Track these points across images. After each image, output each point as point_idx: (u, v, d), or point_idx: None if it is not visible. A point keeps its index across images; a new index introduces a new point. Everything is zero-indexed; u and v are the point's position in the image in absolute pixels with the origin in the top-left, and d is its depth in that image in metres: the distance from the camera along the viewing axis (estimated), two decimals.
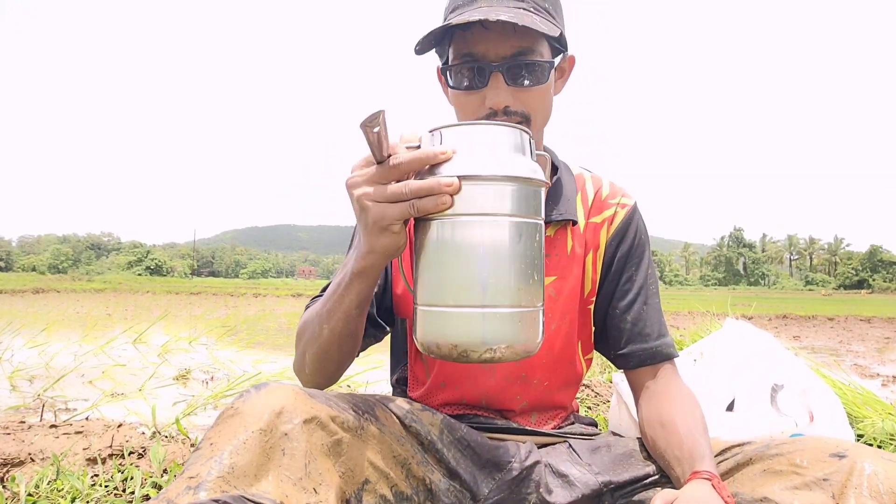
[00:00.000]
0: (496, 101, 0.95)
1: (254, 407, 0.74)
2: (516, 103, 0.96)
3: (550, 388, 1.08)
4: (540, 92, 0.98)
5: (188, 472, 0.68)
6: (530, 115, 0.98)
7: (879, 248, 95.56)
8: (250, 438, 0.70)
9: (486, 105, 0.95)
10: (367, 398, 0.91)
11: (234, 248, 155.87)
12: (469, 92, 0.97)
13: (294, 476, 0.70)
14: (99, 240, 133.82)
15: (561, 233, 1.07)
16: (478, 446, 0.98)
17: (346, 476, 0.78)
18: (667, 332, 1.09)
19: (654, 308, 1.09)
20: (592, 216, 1.10)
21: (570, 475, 0.98)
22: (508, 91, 0.95)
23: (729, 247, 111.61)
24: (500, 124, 0.75)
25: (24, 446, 1.69)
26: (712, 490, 0.81)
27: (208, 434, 0.73)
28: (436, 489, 0.90)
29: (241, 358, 4.31)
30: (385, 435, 0.86)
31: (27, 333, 5.24)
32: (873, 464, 0.75)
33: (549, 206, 1.06)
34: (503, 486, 0.96)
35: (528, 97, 0.97)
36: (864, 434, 2.08)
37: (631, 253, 1.10)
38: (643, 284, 1.10)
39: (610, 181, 1.16)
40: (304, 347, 0.97)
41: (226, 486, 0.66)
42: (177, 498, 0.64)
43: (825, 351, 5.89)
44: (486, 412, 1.07)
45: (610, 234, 1.10)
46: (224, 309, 10.62)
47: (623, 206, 1.12)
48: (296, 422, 0.74)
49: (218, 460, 0.68)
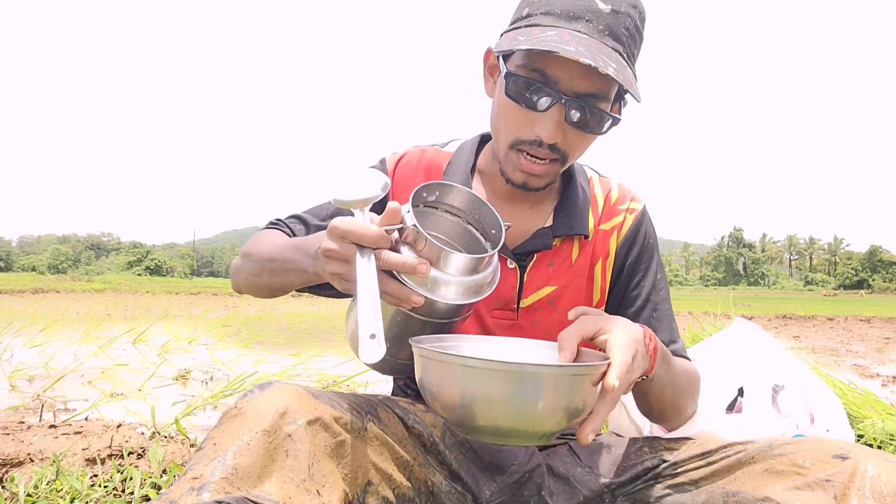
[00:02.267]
0: (548, 134, 0.90)
1: (258, 407, 0.73)
2: (564, 142, 0.92)
3: None
4: (590, 139, 0.94)
5: (191, 473, 0.67)
6: (569, 156, 0.95)
7: (879, 249, 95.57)
8: (254, 439, 0.70)
9: (536, 130, 0.91)
10: (370, 398, 0.91)
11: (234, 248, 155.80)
12: (523, 109, 0.91)
13: (297, 478, 0.70)
14: (99, 240, 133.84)
15: (567, 242, 1.05)
16: (479, 448, 0.97)
17: (349, 478, 0.78)
18: (678, 337, 1.08)
19: (664, 314, 1.08)
20: (602, 223, 1.08)
21: (571, 477, 0.98)
22: (563, 128, 0.91)
23: (729, 247, 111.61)
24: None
25: (23, 446, 1.69)
26: (640, 328, 0.83)
27: (211, 433, 0.73)
28: (437, 491, 0.90)
29: (240, 358, 4.31)
30: (388, 436, 0.86)
31: (27, 333, 5.23)
32: (876, 465, 0.75)
33: (560, 219, 1.05)
34: (505, 489, 0.96)
35: (577, 140, 0.93)
36: (864, 434, 2.08)
37: (639, 259, 1.08)
38: (651, 290, 1.08)
39: (619, 183, 1.14)
40: (243, 267, 1.01)
41: (229, 487, 0.66)
42: (180, 499, 0.64)
43: (825, 351, 5.88)
44: None
45: (620, 242, 1.08)
46: (224, 309, 10.61)
47: (632, 210, 1.10)
48: (300, 423, 0.73)
49: (222, 461, 0.68)
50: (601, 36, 0.86)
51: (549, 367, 0.71)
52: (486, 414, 0.69)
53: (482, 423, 0.70)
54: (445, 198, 0.90)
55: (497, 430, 0.71)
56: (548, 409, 0.69)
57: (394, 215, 0.75)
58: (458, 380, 0.70)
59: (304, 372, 3.61)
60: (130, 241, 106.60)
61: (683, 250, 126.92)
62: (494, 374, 0.68)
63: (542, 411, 0.69)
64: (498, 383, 0.68)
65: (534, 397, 0.68)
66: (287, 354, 4.44)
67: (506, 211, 1.05)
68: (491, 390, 0.68)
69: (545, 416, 0.69)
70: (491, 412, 0.69)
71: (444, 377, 0.71)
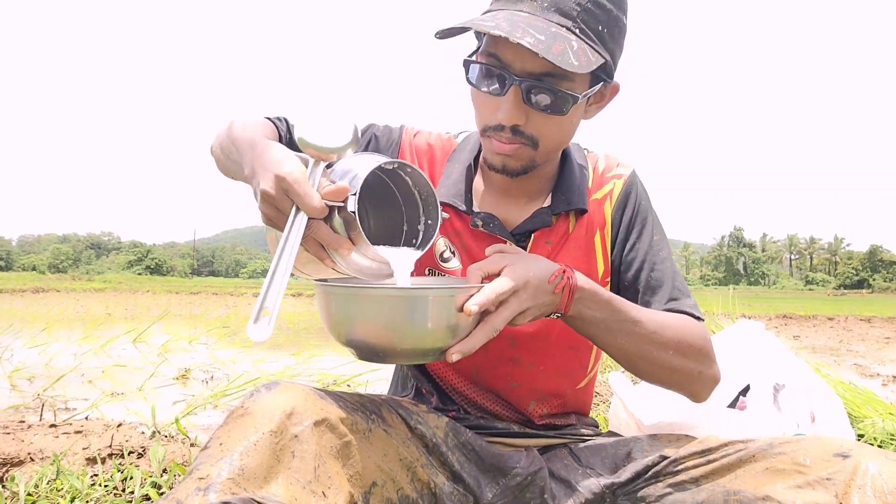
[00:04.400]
0: (505, 116, 0.89)
1: (264, 407, 0.73)
2: (528, 125, 0.90)
3: (546, 371, 1.06)
4: (557, 121, 0.91)
5: (198, 473, 0.67)
6: (539, 140, 0.92)
7: (879, 248, 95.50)
8: (261, 440, 0.70)
9: (499, 116, 0.89)
10: (374, 398, 0.91)
11: (234, 248, 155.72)
12: (483, 94, 0.91)
13: (304, 479, 0.70)
14: (99, 239, 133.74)
15: (564, 219, 1.05)
16: (482, 451, 0.97)
17: (354, 479, 0.77)
18: (682, 295, 1.03)
19: (663, 273, 1.04)
20: (594, 193, 1.08)
21: (572, 480, 0.98)
22: (523, 110, 0.89)
23: (729, 246, 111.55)
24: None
25: (23, 446, 1.69)
26: (554, 267, 0.85)
27: (217, 433, 0.72)
28: (440, 493, 0.90)
29: (241, 358, 4.31)
30: (392, 437, 0.86)
31: (27, 333, 5.23)
32: (877, 464, 0.75)
33: (557, 197, 1.04)
34: (507, 491, 0.96)
35: (542, 122, 0.91)
36: (865, 434, 2.08)
37: (632, 221, 1.07)
38: (648, 250, 1.05)
39: (605, 154, 1.13)
40: (220, 133, 0.98)
41: (236, 487, 0.66)
42: (186, 499, 0.64)
43: (825, 351, 5.88)
44: (478, 391, 1.06)
45: (613, 209, 1.07)
46: (224, 308, 10.61)
47: (619, 176, 1.10)
48: (306, 423, 0.73)
49: (228, 461, 0.67)
50: (544, 12, 0.85)
51: (414, 289, 0.79)
52: (372, 334, 0.79)
53: (374, 343, 0.79)
54: (408, 176, 0.88)
55: (385, 349, 0.79)
56: (420, 328, 0.77)
57: (340, 193, 0.75)
58: (347, 307, 0.80)
59: (305, 371, 3.61)
60: (131, 241, 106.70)
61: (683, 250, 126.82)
62: (376, 299, 0.78)
63: (417, 330, 0.77)
64: (377, 307, 0.78)
65: (407, 317, 0.77)
66: (287, 354, 4.44)
67: (502, 203, 1.05)
68: (373, 314, 0.78)
69: (421, 335, 0.78)
70: (377, 333, 0.78)
71: (337, 307, 0.81)
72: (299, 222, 0.75)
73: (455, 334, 0.79)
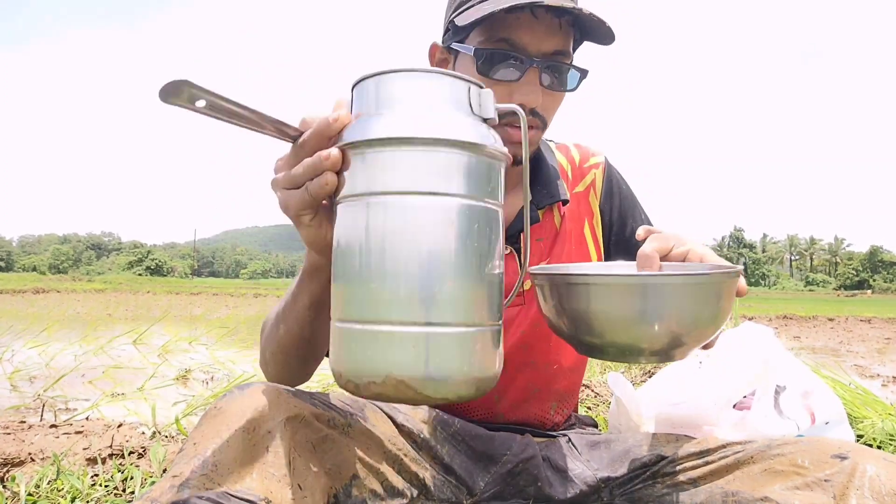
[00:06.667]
0: (530, 98, 0.88)
1: (237, 406, 0.74)
2: (541, 106, 0.91)
3: (562, 370, 1.06)
4: (561, 100, 0.92)
5: (172, 472, 0.68)
6: (547, 119, 0.93)
7: (880, 249, 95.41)
8: (233, 437, 0.70)
9: (515, 100, 0.87)
10: (357, 399, 0.91)
11: (234, 248, 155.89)
12: (498, 82, 0.89)
13: (278, 473, 0.70)
14: (99, 240, 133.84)
15: (549, 215, 1.05)
16: (472, 440, 0.97)
17: (332, 472, 0.78)
18: None
19: None
20: (576, 186, 1.09)
21: (568, 469, 0.97)
22: (540, 91, 0.89)
23: (729, 247, 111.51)
24: (442, 73, 0.60)
25: (24, 446, 1.69)
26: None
27: (192, 434, 0.73)
28: (430, 484, 0.90)
29: (241, 358, 4.30)
30: (375, 433, 0.86)
31: (27, 333, 5.23)
32: (875, 465, 0.75)
33: (538, 190, 1.03)
34: (498, 479, 0.96)
35: (553, 102, 0.91)
36: (864, 434, 2.07)
37: (623, 206, 1.11)
38: (648, 222, 1.09)
39: (574, 144, 1.15)
40: (265, 345, 0.95)
41: (210, 483, 0.66)
42: (161, 496, 0.64)
43: (825, 351, 5.88)
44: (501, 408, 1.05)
45: (600, 199, 1.10)
46: (224, 309, 10.61)
47: (597, 165, 1.12)
48: (278, 420, 0.74)
49: (202, 459, 0.68)
50: None
51: (706, 274, 0.67)
52: (649, 331, 0.64)
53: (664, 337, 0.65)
54: None
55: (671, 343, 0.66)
56: (712, 313, 0.66)
57: None
58: (620, 301, 0.64)
59: None
60: (131, 241, 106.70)
61: None
62: (663, 288, 0.63)
63: (709, 316, 0.66)
64: (667, 298, 0.63)
65: (709, 303, 0.65)
66: None
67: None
68: (662, 305, 0.63)
69: (710, 321, 0.66)
70: (666, 326, 0.64)
71: (606, 302, 0.65)
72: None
73: (726, 318, 0.69)
